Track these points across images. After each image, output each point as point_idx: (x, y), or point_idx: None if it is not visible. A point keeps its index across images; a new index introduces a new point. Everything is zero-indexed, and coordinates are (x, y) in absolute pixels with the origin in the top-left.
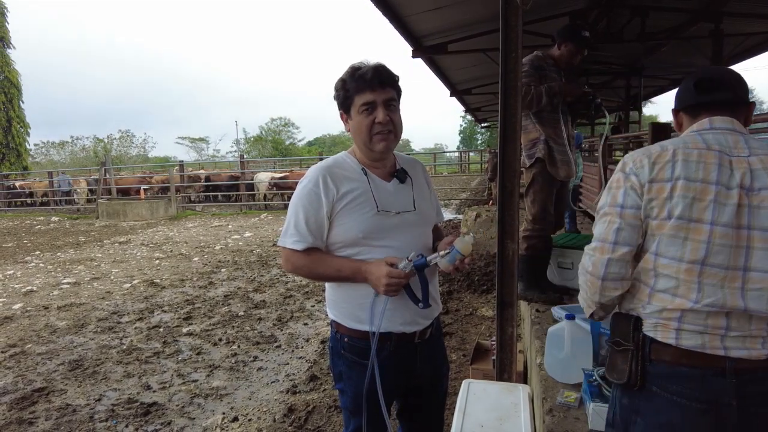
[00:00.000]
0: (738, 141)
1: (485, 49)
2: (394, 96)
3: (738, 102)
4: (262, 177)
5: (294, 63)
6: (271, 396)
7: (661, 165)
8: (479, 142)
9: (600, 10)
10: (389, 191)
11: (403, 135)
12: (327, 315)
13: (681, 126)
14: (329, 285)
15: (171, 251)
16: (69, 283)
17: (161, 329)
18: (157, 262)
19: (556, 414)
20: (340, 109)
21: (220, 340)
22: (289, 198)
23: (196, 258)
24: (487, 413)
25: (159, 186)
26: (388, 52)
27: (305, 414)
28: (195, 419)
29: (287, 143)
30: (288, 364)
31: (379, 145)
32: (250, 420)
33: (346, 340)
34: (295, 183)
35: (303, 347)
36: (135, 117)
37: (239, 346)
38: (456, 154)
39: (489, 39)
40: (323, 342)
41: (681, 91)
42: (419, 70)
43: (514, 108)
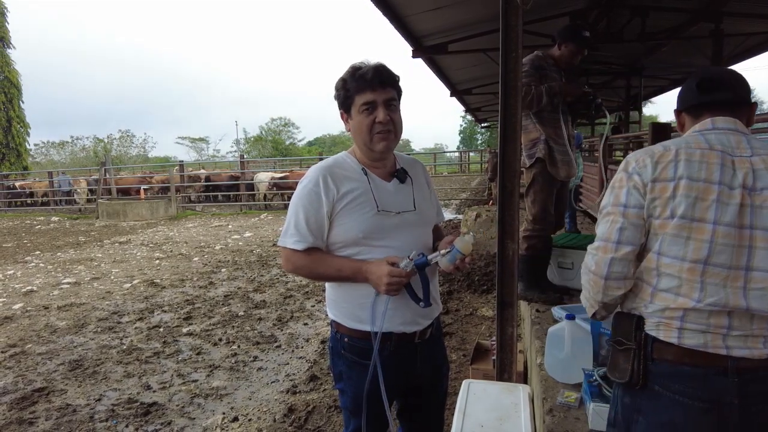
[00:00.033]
0: (740, 141)
1: (485, 49)
2: (394, 96)
3: (740, 102)
4: (262, 177)
5: (294, 63)
6: (271, 396)
7: (664, 164)
8: (479, 142)
9: (600, 10)
10: (389, 191)
11: (403, 135)
12: (327, 315)
13: (683, 126)
14: (329, 285)
15: (171, 251)
16: (69, 283)
17: (161, 329)
18: (157, 262)
19: (556, 414)
20: (340, 109)
21: (220, 340)
22: (289, 198)
23: (196, 258)
24: (487, 413)
25: (159, 186)
26: (388, 52)
27: (305, 414)
28: (195, 419)
29: (287, 143)
30: (288, 364)
31: (380, 145)
32: (250, 420)
33: (346, 340)
34: (295, 183)
35: (303, 347)
36: (135, 117)
37: (239, 346)
38: (456, 154)
39: (489, 39)
40: (323, 342)
41: (683, 92)
42: (419, 70)
43: (514, 108)
